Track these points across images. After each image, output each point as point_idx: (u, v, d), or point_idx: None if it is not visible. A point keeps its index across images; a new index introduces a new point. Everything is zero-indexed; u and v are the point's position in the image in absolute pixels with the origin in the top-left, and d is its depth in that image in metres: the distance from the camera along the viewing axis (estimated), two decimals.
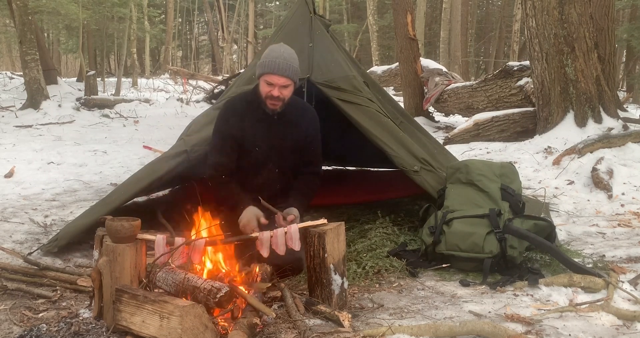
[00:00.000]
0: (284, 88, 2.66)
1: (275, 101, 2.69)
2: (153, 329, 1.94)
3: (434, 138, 4.39)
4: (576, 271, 2.77)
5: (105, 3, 14.94)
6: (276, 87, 2.65)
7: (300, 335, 2.16)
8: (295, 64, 2.67)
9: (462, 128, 7.65)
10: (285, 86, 2.66)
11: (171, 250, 2.22)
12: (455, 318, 2.39)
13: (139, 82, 19.65)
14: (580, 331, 2.22)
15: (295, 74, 2.68)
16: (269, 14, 32.58)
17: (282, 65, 2.62)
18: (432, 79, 9.84)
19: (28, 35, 10.75)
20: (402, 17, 10.21)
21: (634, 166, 5.07)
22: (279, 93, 2.66)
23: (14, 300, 2.53)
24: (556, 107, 6.36)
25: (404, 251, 3.19)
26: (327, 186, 4.41)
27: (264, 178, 2.87)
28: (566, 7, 6.16)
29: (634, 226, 3.90)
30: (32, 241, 3.45)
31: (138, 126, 10.04)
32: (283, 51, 2.67)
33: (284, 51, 2.67)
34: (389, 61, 22.16)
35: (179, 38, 35.53)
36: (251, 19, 26.97)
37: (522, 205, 3.18)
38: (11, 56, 32.73)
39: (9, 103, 11.56)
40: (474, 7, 25.65)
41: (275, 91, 2.65)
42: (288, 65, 2.63)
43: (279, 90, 2.65)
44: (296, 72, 2.68)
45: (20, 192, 4.87)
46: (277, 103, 2.70)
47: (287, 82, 2.65)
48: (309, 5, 3.69)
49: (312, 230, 2.39)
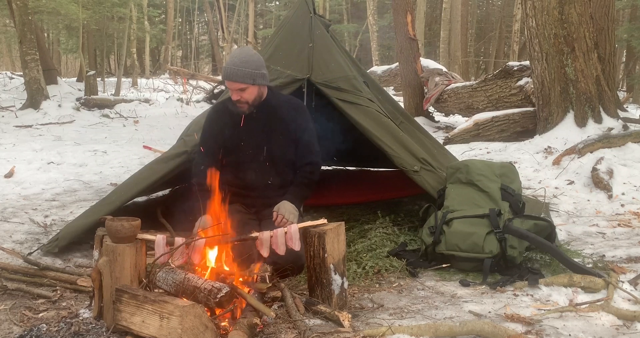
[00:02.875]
0: (242, 91, 2.77)
1: (239, 104, 2.82)
2: (153, 329, 1.94)
3: (434, 138, 4.39)
4: (576, 271, 2.77)
5: (105, 3, 14.92)
6: (234, 91, 2.77)
7: (300, 335, 2.16)
8: (247, 66, 2.72)
9: (462, 128, 7.65)
10: (242, 89, 2.76)
11: (171, 250, 2.22)
12: (455, 318, 2.39)
13: (138, 82, 19.66)
14: (580, 331, 2.22)
15: (247, 76, 2.72)
16: (269, 14, 32.58)
17: (231, 71, 2.72)
18: (432, 79, 9.84)
19: (28, 35, 10.75)
20: (402, 17, 10.21)
21: (634, 166, 5.07)
22: (238, 96, 2.78)
23: (14, 300, 2.53)
24: (556, 107, 6.35)
25: (404, 251, 3.20)
26: (327, 186, 4.42)
27: (255, 173, 2.91)
28: (566, 7, 6.16)
29: (634, 226, 3.90)
30: (32, 241, 3.45)
31: (138, 126, 10.04)
32: (235, 56, 2.76)
33: (236, 56, 2.76)
34: (389, 61, 22.17)
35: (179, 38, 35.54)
36: (251, 19, 26.95)
37: (522, 205, 3.18)
38: (11, 56, 32.72)
39: (9, 103, 11.56)
40: (474, 7, 25.67)
41: (234, 95, 2.79)
42: (236, 70, 2.71)
43: (237, 94, 2.77)
44: (247, 75, 2.72)
45: (20, 192, 4.87)
46: (242, 106, 2.82)
47: (240, 86, 2.74)
48: (309, 5, 3.69)
49: (312, 230, 2.39)
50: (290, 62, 3.51)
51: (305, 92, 3.46)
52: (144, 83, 19.79)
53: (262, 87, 2.83)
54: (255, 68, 2.75)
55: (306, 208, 3.35)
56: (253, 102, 2.82)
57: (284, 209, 2.72)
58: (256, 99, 2.82)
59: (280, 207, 2.74)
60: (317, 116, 4.27)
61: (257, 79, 2.75)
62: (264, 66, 2.81)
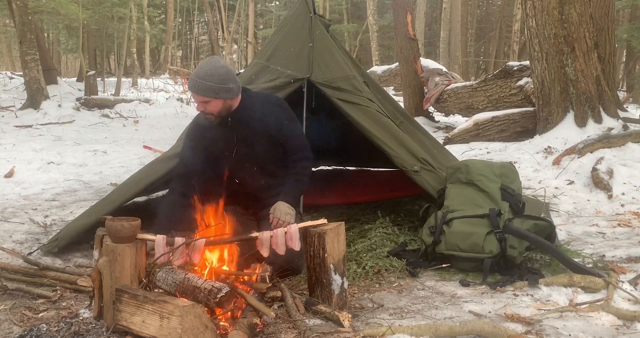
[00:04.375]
0: (205, 103, 2.69)
1: (205, 115, 2.76)
2: (153, 329, 1.94)
3: (434, 138, 4.39)
4: (576, 271, 2.77)
5: (105, 3, 14.92)
6: (198, 103, 2.72)
7: (300, 335, 2.16)
8: (210, 80, 2.62)
9: (462, 128, 7.65)
10: (205, 102, 2.69)
11: (171, 250, 2.22)
12: (455, 318, 2.39)
13: (138, 82, 19.65)
14: (580, 331, 2.22)
15: (208, 90, 2.64)
16: (269, 14, 32.59)
17: (193, 83, 2.65)
18: (432, 79, 9.85)
19: (28, 35, 10.75)
20: (402, 17, 10.21)
21: (634, 166, 5.07)
22: (203, 108, 2.72)
23: (14, 300, 2.53)
24: (556, 107, 6.36)
25: (404, 251, 3.20)
26: (327, 186, 4.42)
27: (245, 177, 2.89)
28: (566, 7, 6.16)
29: (634, 226, 3.90)
30: (32, 241, 3.45)
31: (138, 126, 10.04)
32: (201, 68, 2.67)
33: (202, 68, 2.67)
34: (389, 61, 22.18)
35: (179, 38, 35.51)
36: (251, 19, 26.96)
37: (522, 205, 3.18)
38: (11, 56, 32.73)
39: (9, 103, 11.56)
40: (474, 7, 25.66)
41: (199, 106, 2.73)
42: (199, 83, 2.63)
43: (201, 105, 2.71)
44: (209, 89, 2.64)
45: (20, 192, 4.87)
46: (209, 117, 2.75)
47: (202, 98, 2.67)
48: (309, 5, 3.69)
49: (312, 230, 2.39)
50: (290, 62, 3.51)
51: (305, 92, 3.46)
52: (144, 83, 19.79)
53: (228, 101, 2.73)
54: (219, 82, 2.63)
55: (306, 208, 3.35)
56: (219, 113, 2.74)
57: (279, 211, 2.68)
58: (223, 110, 2.74)
59: (275, 209, 2.70)
60: (317, 116, 4.29)
61: (220, 93, 2.65)
62: (230, 79, 2.68)
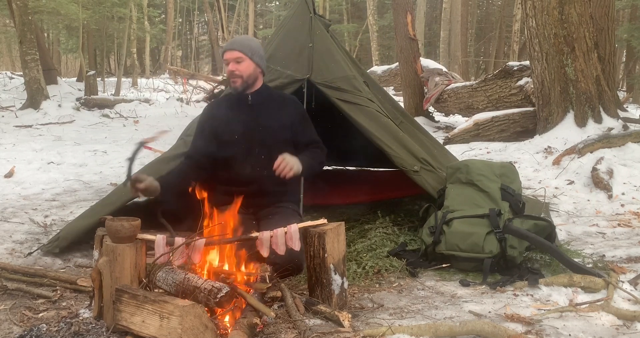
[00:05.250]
0: (237, 63, 2.82)
1: (233, 78, 2.86)
2: (153, 329, 1.94)
3: (434, 138, 4.38)
4: (576, 271, 2.77)
5: (105, 3, 14.93)
6: (230, 62, 2.83)
7: (300, 335, 2.16)
8: (249, 41, 2.88)
9: (462, 128, 7.65)
10: (238, 61, 2.82)
11: (171, 250, 2.22)
12: (455, 318, 2.39)
13: (139, 82, 19.67)
14: (580, 331, 2.22)
15: (246, 48, 2.83)
16: (269, 14, 32.60)
17: (232, 41, 2.88)
18: (432, 79, 9.85)
19: (28, 35, 10.76)
20: (402, 17, 10.21)
21: (634, 166, 5.07)
22: (234, 68, 2.82)
23: (14, 300, 2.53)
24: (556, 107, 6.36)
25: (404, 251, 3.19)
26: (327, 186, 4.42)
27: (251, 165, 2.89)
28: (566, 7, 6.17)
29: (634, 226, 3.90)
30: (32, 241, 3.45)
31: (138, 126, 10.04)
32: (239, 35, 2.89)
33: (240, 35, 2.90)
34: (389, 61, 22.17)
35: (179, 38, 35.54)
36: (251, 19, 26.96)
37: (522, 205, 3.18)
38: (11, 56, 32.74)
39: (9, 103, 11.56)
40: (474, 7, 25.66)
41: (230, 65, 2.84)
42: (236, 41, 2.88)
43: (233, 65, 2.83)
44: (247, 47, 2.83)
45: (20, 192, 4.87)
46: (236, 80, 2.85)
47: (237, 54, 2.81)
48: (309, 5, 3.69)
49: (312, 230, 2.39)
50: (290, 62, 3.51)
51: (305, 93, 3.46)
52: (144, 83, 19.80)
53: (258, 68, 2.88)
54: (256, 46, 2.87)
55: (306, 208, 3.35)
56: (247, 79, 2.85)
57: (289, 157, 2.69)
58: (250, 77, 2.85)
59: (286, 155, 2.70)
60: (317, 116, 4.29)
61: (255, 55, 2.83)
62: (263, 54, 2.91)
